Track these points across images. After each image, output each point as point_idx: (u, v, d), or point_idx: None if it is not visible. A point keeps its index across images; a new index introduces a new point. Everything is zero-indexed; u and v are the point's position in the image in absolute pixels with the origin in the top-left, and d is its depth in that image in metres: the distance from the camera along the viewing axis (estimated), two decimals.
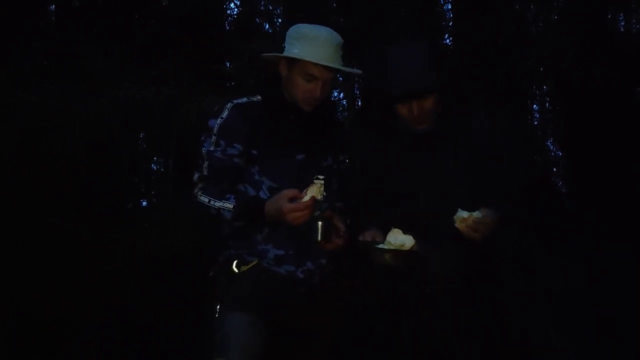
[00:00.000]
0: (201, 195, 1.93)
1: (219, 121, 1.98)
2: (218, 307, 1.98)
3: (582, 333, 3.21)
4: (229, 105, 2.01)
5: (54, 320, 2.96)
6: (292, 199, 1.80)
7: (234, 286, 1.97)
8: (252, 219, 1.91)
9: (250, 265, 1.96)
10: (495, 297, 1.97)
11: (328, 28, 2.00)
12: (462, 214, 1.82)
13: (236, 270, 1.97)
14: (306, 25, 2.00)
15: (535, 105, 6.42)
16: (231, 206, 1.88)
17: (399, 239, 1.85)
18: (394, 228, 1.87)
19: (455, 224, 1.82)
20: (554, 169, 6.64)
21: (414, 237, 1.85)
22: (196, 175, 1.98)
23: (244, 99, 2.05)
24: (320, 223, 1.87)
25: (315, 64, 1.91)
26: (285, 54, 1.98)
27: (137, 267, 2.98)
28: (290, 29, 2.04)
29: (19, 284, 2.87)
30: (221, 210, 1.89)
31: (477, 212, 1.81)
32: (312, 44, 1.92)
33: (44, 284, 2.90)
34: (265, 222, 1.89)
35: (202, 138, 2.00)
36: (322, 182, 1.82)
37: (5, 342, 2.93)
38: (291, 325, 1.99)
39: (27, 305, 2.87)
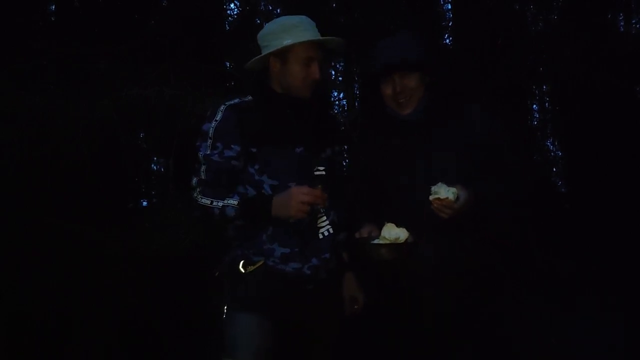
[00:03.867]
0: (202, 198, 1.94)
1: (213, 124, 1.98)
2: (225, 307, 1.99)
3: (581, 333, 3.22)
4: (222, 107, 2.00)
5: (54, 320, 2.96)
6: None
7: (241, 286, 1.97)
8: (257, 214, 1.91)
9: (257, 265, 1.97)
10: (494, 295, 1.97)
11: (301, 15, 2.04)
12: (440, 190, 1.81)
13: (243, 271, 1.97)
14: (282, 18, 2.04)
15: (535, 105, 6.44)
16: (236, 202, 1.89)
17: (392, 232, 1.85)
18: (387, 223, 1.87)
19: (430, 197, 1.81)
20: (554, 169, 6.66)
21: (407, 230, 1.85)
22: (194, 180, 1.98)
23: (236, 100, 2.05)
24: None
25: (310, 45, 1.96)
26: (278, 47, 1.97)
27: (137, 267, 2.99)
28: (266, 29, 2.04)
29: (19, 283, 2.88)
30: (225, 207, 1.89)
31: (453, 189, 1.81)
32: (299, 29, 1.96)
33: (44, 283, 2.90)
34: (270, 216, 1.89)
35: (198, 143, 2.00)
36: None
37: (5, 342, 2.94)
38: (302, 324, 2.00)
39: (28, 305, 2.87)
